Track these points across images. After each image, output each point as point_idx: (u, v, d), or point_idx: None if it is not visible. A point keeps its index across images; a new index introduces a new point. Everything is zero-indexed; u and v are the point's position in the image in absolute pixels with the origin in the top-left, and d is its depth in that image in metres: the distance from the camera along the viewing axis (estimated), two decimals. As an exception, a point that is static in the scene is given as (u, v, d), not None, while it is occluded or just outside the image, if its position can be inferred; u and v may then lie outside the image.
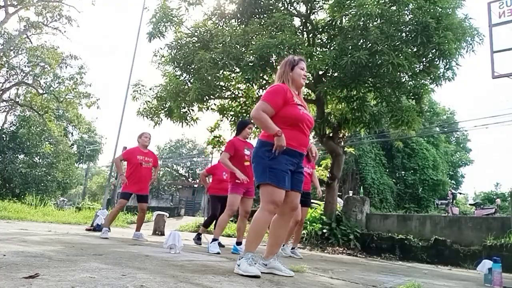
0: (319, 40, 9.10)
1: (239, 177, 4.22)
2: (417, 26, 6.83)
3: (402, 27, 7.13)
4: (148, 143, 5.90)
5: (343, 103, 8.69)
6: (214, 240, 4.47)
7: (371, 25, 7.00)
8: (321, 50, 8.49)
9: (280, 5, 8.80)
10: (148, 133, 5.94)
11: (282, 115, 2.66)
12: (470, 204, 21.94)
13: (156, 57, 9.54)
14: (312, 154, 3.99)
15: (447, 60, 7.44)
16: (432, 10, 7.06)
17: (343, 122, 8.65)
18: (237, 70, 8.30)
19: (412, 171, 21.93)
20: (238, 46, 7.61)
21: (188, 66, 8.59)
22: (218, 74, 8.05)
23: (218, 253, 4.20)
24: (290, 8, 8.94)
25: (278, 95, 2.68)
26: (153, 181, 6.07)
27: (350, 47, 7.09)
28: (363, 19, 6.82)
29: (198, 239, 5.87)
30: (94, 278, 1.84)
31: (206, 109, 9.69)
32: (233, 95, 9.85)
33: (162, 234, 8.33)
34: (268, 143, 2.62)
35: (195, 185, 31.14)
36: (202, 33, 8.79)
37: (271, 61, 7.64)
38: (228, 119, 10.02)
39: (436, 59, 7.48)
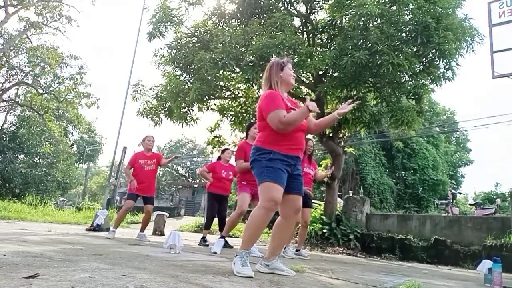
0: (319, 40, 9.09)
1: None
2: (417, 26, 6.83)
3: (402, 27, 7.12)
4: (152, 146, 6.03)
5: (343, 103, 8.67)
6: (221, 237, 4.50)
7: (371, 25, 7.00)
8: (321, 50, 8.49)
9: (280, 5, 8.79)
10: (152, 136, 6.05)
11: None
12: (470, 204, 21.92)
13: (156, 57, 9.55)
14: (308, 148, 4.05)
15: (447, 60, 7.43)
16: (432, 10, 7.05)
17: (343, 122, 8.64)
18: (237, 70, 8.29)
19: (412, 171, 21.93)
20: (238, 46, 7.61)
21: (188, 66, 8.59)
22: (218, 74, 8.04)
23: (215, 253, 4.19)
24: (290, 8, 8.93)
25: (278, 98, 2.68)
26: (169, 161, 6.46)
27: (350, 47, 7.08)
28: (363, 19, 6.82)
29: (204, 241, 5.85)
30: (94, 278, 1.84)
31: (206, 109, 9.69)
32: (233, 95, 9.84)
33: (162, 234, 8.33)
34: (262, 149, 2.68)
35: (195, 185, 31.14)
36: (202, 33, 8.79)
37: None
38: (228, 119, 10.02)
39: (436, 59, 7.47)
